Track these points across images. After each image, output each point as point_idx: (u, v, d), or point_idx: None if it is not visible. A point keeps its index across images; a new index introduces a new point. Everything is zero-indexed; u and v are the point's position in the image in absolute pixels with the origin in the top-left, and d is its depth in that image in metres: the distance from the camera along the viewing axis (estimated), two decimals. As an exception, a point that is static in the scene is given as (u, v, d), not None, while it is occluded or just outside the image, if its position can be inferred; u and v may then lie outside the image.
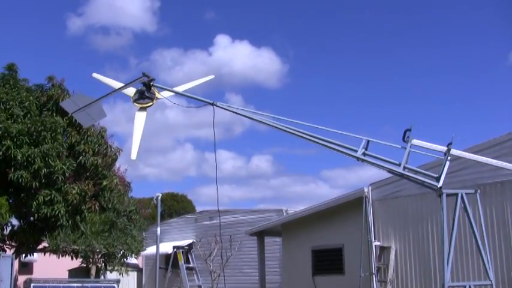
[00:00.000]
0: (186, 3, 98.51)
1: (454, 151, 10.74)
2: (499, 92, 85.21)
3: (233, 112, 11.78)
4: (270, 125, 11.39)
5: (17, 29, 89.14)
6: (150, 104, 11.61)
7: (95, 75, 12.49)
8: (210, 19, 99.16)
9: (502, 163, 11.53)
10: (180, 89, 11.87)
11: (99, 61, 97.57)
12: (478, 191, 11.08)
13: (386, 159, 10.96)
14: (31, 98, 26.53)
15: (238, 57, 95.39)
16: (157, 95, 11.61)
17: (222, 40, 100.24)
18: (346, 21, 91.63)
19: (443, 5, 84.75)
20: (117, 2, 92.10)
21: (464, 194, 10.61)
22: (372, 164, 11.00)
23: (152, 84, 11.56)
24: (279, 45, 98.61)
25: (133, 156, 11.50)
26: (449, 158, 10.67)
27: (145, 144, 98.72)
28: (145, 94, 11.56)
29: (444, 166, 10.60)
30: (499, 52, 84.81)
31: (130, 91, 11.74)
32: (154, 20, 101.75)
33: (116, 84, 11.88)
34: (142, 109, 11.61)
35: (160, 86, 11.73)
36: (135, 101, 11.58)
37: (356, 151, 10.93)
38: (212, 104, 11.44)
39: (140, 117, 11.55)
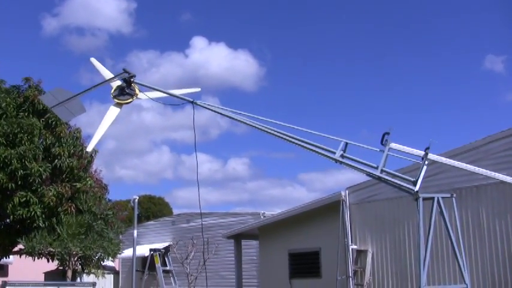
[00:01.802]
0: (163, 4, 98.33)
1: (431, 156, 10.83)
2: (475, 97, 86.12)
3: (212, 111, 11.75)
4: (249, 124, 11.37)
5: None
6: (130, 100, 11.56)
7: (92, 60, 12.37)
8: (187, 21, 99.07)
9: (478, 169, 11.64)
10: (161, 94, 11.80)
11: (74, 62, 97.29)
12: (454, 195, 11.18)
13: (364, 161, 11.00)
14: (8, 99, 26.32)
15: (215, 59, 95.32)
16: (137, 91, 11.56)
17: (199, 42, 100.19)
18: (324, 26, 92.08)
19: (417, 12, 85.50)
20: (93, 2, 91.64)
21: (440, 198, 10.69)
22: (350, 166, 11.04)
23: (133, 81, 11.50)
24: (256, 48, 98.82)
25: (89, 148, 12.00)
26: (426, 162, 10.76)
27: (121, 145, 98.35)
28: (125, 90, 11.51)
29: (421, 170, 10.68)
30: (475, 57, 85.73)
31: (116, 82, 11.67)
32: (130, 21, 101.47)
33: (108, 75, 11.80)
34: (118, 105, 11.54)
35: (141, 82, 11.68)
36: (114, 97, 11.51)
37: (334, 153, 10.96)
38: (192, 102, 11.43)
39: (112, 112, 11.47)
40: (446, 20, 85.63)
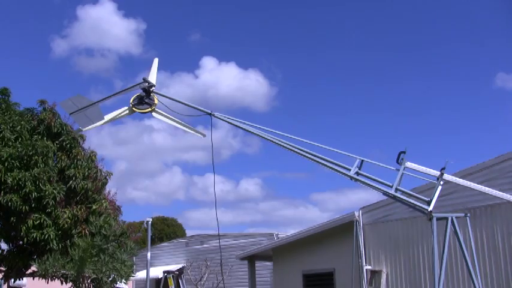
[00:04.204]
0: (172, 25, 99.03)
1: (446, 176, 10.81)
2: (487, 115, 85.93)
3: (230, 123, 11.84)
4: (266, 138, 11.42)
5: (1, 51, 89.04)
6: (148, 110, 11.74)
7: (155, 60, 12.73)
8: (196, 41, 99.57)
9: (489, 189, 11.57)
10: (174, 122, 11.94)
11: (84, 83, 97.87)
12: (468, 214, 11.13)
13: (379, 179, 10.97)
14: (23, 122, 26.48)
15: (225, 79, 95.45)
16: (156, 101, 11.75)
17: (209, 62, 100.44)
18: (335, 45, 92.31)
19: (428, 32, 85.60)
20: (102, 24, 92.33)
21: (454, 218, 10.65)
22: (365, 183, 11.01)
23: (152, 91, 11.68)
24: (266, 68, 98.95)
25: (86, 128, 12.18)
26: (442, 182, 10.73)
27: (133, 167, 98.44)
28: (144, 100, 11.70)
29: (436, 190, 10.65)
30: (486, 75, 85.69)
31: (152, 79, 11.99)
32: (139, 42, 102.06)
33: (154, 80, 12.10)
34: (131, 110, 11.79)
35: (160, 93, 11.85)
36: (133, 106, 11.71)
37: (349, 170, 10.96)
38: (210, 114, 11.55)
39: (122, 111, 11.86)
40: (456, 39, 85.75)
